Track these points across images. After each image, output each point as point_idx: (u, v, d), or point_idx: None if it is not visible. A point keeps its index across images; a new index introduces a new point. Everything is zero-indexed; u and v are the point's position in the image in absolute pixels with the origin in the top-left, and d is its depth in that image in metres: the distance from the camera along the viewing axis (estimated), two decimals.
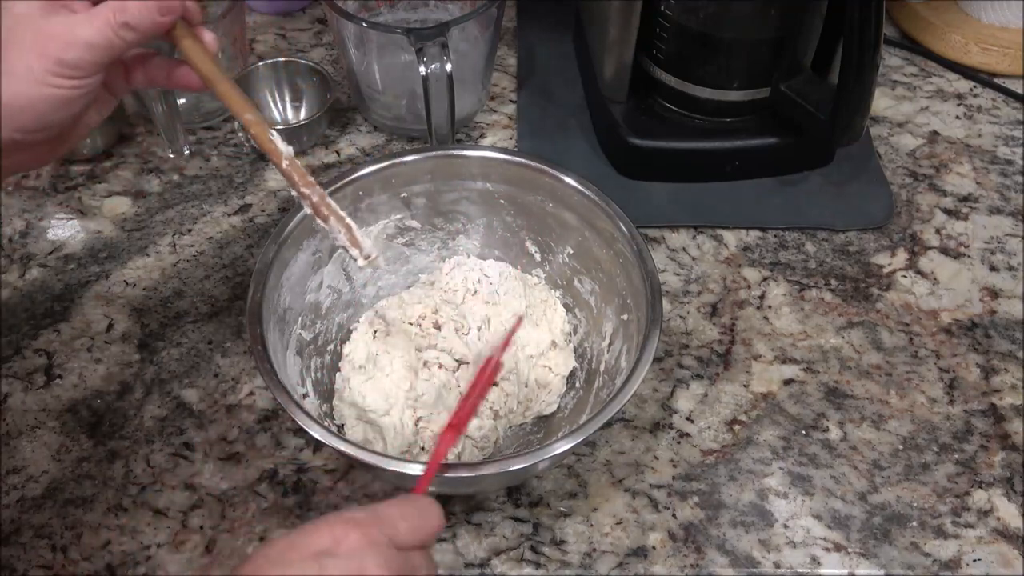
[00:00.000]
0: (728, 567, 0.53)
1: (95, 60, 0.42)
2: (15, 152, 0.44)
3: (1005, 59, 0.81)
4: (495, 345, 0.54)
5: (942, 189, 0.73)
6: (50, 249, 0.69)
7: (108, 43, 0.42)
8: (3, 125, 0.42)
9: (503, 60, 0.83)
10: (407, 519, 0.39)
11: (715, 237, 0.70)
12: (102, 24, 0.42)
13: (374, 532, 0.37)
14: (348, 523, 0.37)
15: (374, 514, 0.39)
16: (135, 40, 0.43)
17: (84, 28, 0.42)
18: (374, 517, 0.38)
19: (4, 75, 0.41)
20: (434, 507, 0.41)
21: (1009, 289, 0.66)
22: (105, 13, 0.42)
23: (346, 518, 0.38)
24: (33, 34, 0.41)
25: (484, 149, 0.66)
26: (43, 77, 0.41)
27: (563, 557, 0.53)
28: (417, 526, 0.39)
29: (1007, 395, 0.60)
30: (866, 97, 0.63)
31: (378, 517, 0.38)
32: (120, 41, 0.42)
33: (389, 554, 0.37)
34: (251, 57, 0.81)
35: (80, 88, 0.43)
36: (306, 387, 0.57)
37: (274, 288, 0.54)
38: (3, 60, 0.41)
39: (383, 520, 0.38)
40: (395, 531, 0.38)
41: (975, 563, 0.53)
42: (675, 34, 0.68)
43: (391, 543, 0.38)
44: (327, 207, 0.48)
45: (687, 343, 0.63)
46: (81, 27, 0.42)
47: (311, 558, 0.36)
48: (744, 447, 0.58)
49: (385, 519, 0.39)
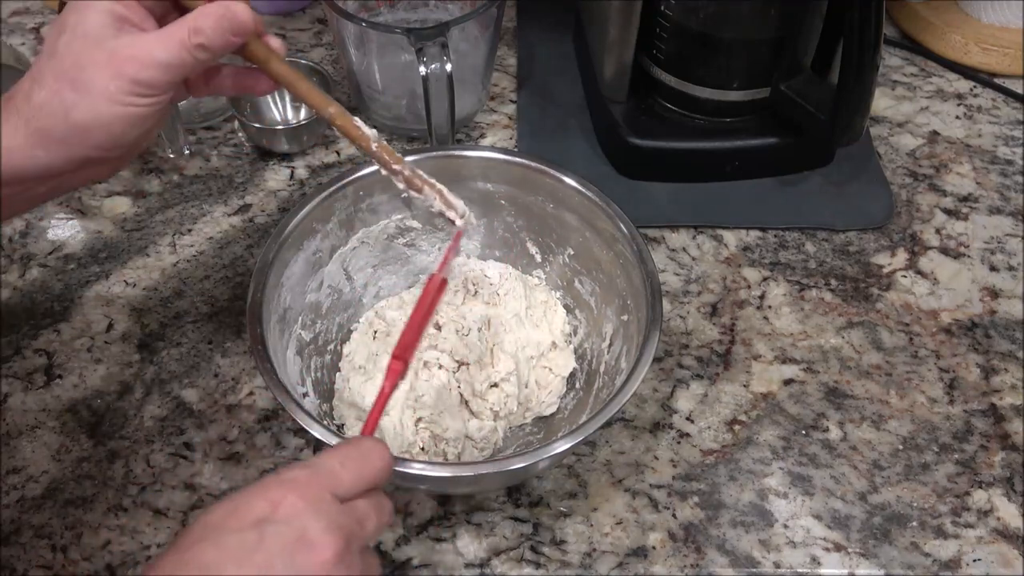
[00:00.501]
0: (728, 567, 0.53)
1: (169, 79, 0.43)
2: (87, 167, 0.44)
3: (1005, 59, 0.81)
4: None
5: (942, 189, 0.73)
6: (50, 249, 0.69)
7: (182, 63, 0.42)
8: (79, 143, 0.42)
9: (503, 60, 0.83)
10: (348, 466, 0.38)
11: (715, 237, 0.70)
12: (177, 45, 0.42)
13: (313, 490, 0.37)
14: (284, 484, 0.37)
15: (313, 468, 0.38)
16: (208, 59, 0.43)
17: (159, 48, 0.42)
18: (312, 472, 0.38)
19: (81, 95, 0.41)
20: (378, 448, 0.40)
21: (1009, 289, 0.66)
22: (179, 34, 0.42)
23: (283, 479, 0.37)
24: (108, 54, 0.41)
25: (484, 149, 0.66)
26: (119, 97, 0.42)
27: (563, 557, 0.53)
28: (359, 471, 0.39)
29: (1007, 395, 0.60)
30: (866, 97, 0.63)
31: (317, 471, 0.38)
32: (193, 60, 0.43)
33: (331, 510, 0.36)
34: None
35: (154, 106, 0.43)
36: (306, 387, 0.57)
37: (274, 288, 0.54)
38: (79, 80, 0.41)
39: (322, 473, 0.38)
40: (336, 482, 0.38)
41: (975, 563, 0.53)
42: (675, 34, 0.68)
43: (334, 497, 0.37)
44: (420, 178, 0.50)
45: (687, 343, 0.63)
46: (156, 47, 0.42)
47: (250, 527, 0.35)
48: (744, 447, 0.58)
49: (324, 472, 0.38)
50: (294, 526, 0.35)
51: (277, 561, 0.35)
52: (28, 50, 0.84)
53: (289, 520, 0.36)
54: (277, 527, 0.35)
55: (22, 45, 0.85)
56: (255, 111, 0.76)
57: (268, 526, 0.35)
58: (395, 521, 0.54)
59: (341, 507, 0.37)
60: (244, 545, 0.35)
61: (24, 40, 0.85)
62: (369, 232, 0.61)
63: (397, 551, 0.53)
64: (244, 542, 0.35)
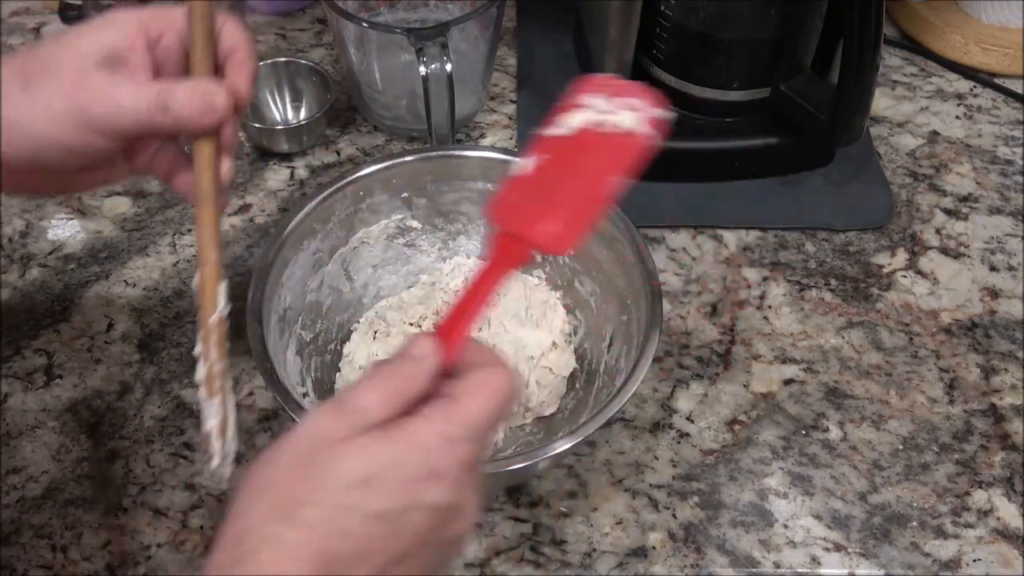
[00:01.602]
0: (728, 567, 0.53)
1: (117, 126, 0.41)
2: (28, 174, 0.42)
3: (1005, 59, 0.81)
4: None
5: (942, 189, 0.73)
6: (50, 249, 0.69)
7: (137, 115, 0.40)
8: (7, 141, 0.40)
9: (503, 60, 0.83)
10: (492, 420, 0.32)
11: (715, 237, 0.70)
12: (143, 95, 0.40)
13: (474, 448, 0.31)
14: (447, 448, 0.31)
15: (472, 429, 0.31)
16: (167, 126, 0.41)
17: (124, 91, 0.40)
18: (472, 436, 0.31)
19: (24, 94, 0.40)
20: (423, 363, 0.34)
21: (1009, 289, 0.66)
22: (152, 88, 0.41)
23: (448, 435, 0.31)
24: (76, 75, 0.40)
25: (484, 149, 0.66)
26: (58, 117, 0.40)
27: (563, 557, 0.53)
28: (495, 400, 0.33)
29: (1007, 395, 0.60)
30: (866, 97, 0.63)
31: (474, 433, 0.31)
32: (150, 119, 0.41)
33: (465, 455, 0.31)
34: None
35: (87, 147, 0.41)
36: (306, 387, 0.57)
37: (274, 288, 0.54)
38: (34, 83, 0.40)
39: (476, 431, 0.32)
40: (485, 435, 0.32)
41: (975, 563, 0.53)
42: (675, 34, 0.68)
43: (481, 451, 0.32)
44: (222, 386, 0.41)
45: (687, 343, 0.63)
46: (122, 89, 0.40)
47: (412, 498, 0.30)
48: (744, 447, 0.58)
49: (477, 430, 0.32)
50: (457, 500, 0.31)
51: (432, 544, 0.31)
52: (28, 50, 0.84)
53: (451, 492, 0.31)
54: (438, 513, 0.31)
55: (22, 45, 0.85)
56: (255, 111, 0.76)
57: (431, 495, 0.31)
58: None
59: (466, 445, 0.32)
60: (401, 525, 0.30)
61: (24, 40, 0.85)
62: (369, 232, 0.61)
63: None
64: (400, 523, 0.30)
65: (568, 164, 0.39)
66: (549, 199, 0.38)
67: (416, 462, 0.30)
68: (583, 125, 0.40)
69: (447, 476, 0.31)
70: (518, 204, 0.39)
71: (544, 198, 0.39)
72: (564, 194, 0.38)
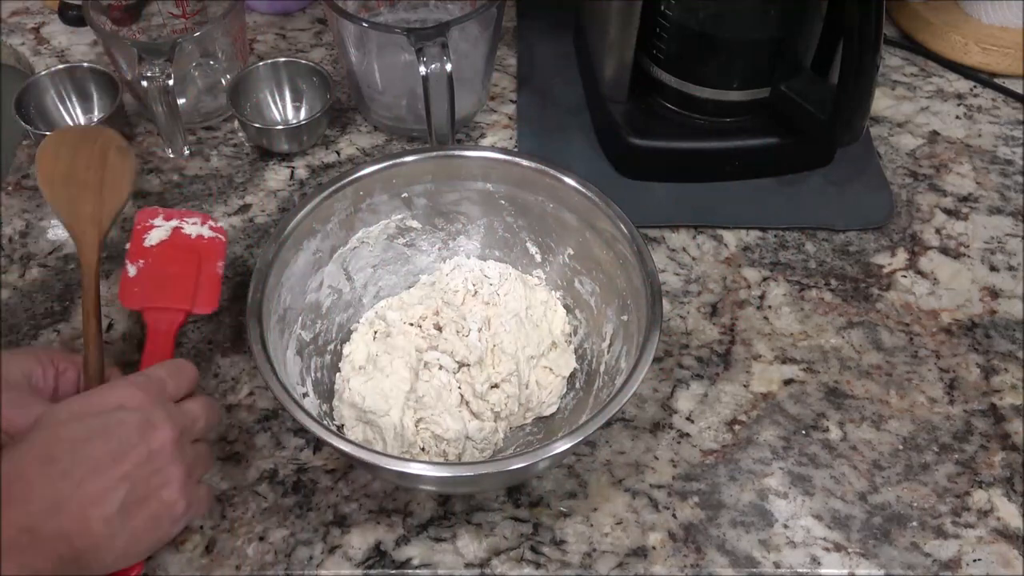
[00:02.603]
0: (728, 567, 0.53)
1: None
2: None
3: (1005, 59, 0.81)
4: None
5: (942, 189, 0.73)
6: (50, 249, 0.69)
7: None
8: None
9: (503, 60, 0.83)
10: (172, 376, 0.49)
11: (715, 237, 0.70)
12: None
13: (152, 390, 0.47)
14: (132, 385, 0.47)
15: (147, 377, 0.48)
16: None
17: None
18: (147, 379, 0.48)
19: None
20: (188, 365, 0.51)
21: (1009, 289, 0.66)
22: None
23: (129, 381, 0.48)
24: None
25: (484, 149, 0.66)
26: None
27: (563, 557, 0.53)
28: (179, 382, 0.49)
29: (1007, 395, 0.60)
30: (866, 97, 0.63)
31: (150, 379, 0.48)
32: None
33: (168, 405, 0.47)
34: (251, 57, 0.81)
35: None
36: (306, 387, 0.57)
37: (274, 288, 0.54)
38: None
39: (154, 380, 0.48)
40: (165, 387, 0.48)
41: (975, 563, 0.53)
42: (675, 34, 0.68)
43: (167, 398, 0.48)
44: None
45: (687, 343, 0.63)
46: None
47: (110, 411, 0.45)
48: (744, 447, 0.58)
49: (155, 379, 0.48)
50: (143, 414, 0.46)
51: (133, 436, 0.44)
52: (28, 50, 0.84)
53: (138, 409, 0.46)
54: (131, 413, 0.45)
55: (22, 45, 0.85)
56: (255, 111, 0.76)
57: (122, 412, 0.45)
58: (395, 521, 0.54)
59: (174, 405, 0.48)
60: (107, 424, 0.45)
61: (24, 40, 0.85)
62: (369, 232, 0.61)
63: (397, 551, 0.53)
64: (107, 422, 0.45)
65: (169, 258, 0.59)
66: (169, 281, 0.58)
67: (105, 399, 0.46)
68: (164, 235, 0.60)
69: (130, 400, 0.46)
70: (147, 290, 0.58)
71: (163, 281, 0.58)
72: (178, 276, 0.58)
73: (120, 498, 0.43)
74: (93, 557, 0.43)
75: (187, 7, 0.76)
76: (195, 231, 0.60)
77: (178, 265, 0.58)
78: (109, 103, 0.74)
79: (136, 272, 0.58)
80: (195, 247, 0.59)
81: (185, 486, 0.46)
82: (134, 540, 0.44)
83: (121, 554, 0.44)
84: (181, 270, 0.58)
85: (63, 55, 0.84)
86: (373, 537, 0.54)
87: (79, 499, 0.42)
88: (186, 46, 0.73)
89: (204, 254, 0.59)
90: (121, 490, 0.43)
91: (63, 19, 0.79)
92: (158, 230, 0.60)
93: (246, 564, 0.52)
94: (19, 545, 0.41)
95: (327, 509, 0.55)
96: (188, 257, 0.59)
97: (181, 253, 0.59)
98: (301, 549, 0.53)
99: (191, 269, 0.58)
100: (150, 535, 0.45)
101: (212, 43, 0.75)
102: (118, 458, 0.44)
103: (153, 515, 0.45)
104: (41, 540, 0.41)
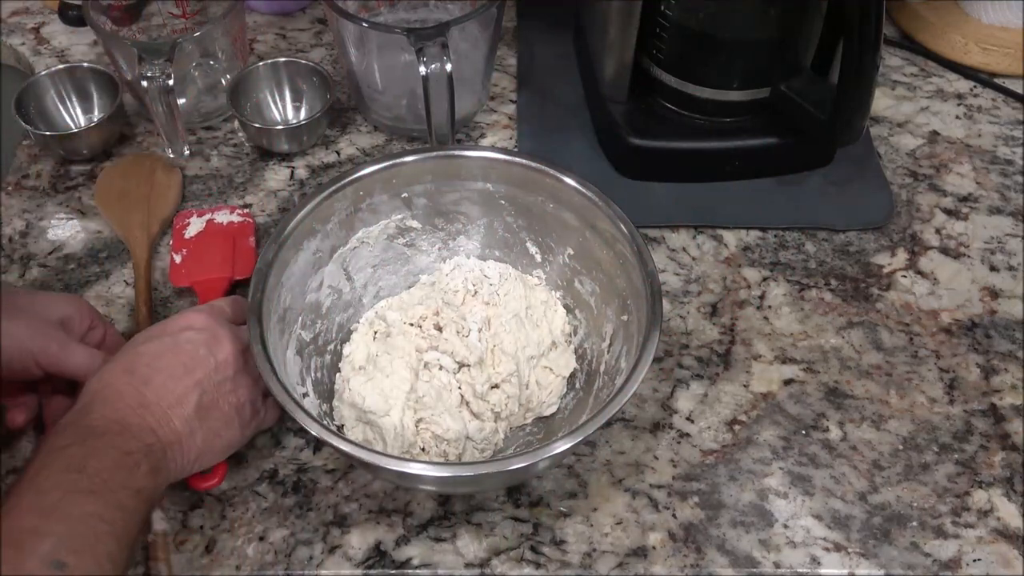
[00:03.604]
0: (728, 567, 0.53)
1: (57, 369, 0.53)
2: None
3: (1005, 59, 0.81)
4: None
5: (942, 189, 0.73)
6: (50, 249, 0.69)
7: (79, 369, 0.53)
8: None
9: (503, 60, 0.83)
10: (231, 305, 0.57)
11: (715, 237, 0.70)
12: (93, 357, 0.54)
13: (216, 316, 0.54)
14: (197, 311, 0.54)
15: (210, 305, 0.56)
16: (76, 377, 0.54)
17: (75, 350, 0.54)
18: (211, 307, 0.56)
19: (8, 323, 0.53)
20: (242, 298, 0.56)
21: (1009, 289, 0.66)
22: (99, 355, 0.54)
23: (195, 309, 0.55)
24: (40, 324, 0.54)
25: (484, 149, 0.66)
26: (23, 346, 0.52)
27: (563, 557, 0.53)
28: (238, 308, 0.56)
29: (1007, 395, 0.60)
30: (866, 97, 0.63)
31: (213, 307, 0.56)
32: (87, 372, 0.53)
33: (231, 327, 0.54)
34: (251, 57, 0.81)
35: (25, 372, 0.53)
36: (306, 387, 0.57)
37: (274, 288, 0.54)
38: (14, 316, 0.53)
39: (216, 308, 0.55)
40: (225, 313, 0.55)
41: (975, 563, 0.53)
42: (675, 34, 0.68)
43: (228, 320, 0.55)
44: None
45: (687, 343, 0.63)
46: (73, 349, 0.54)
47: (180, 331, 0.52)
48: (744, 447, 0.58)
49: (217, 307, 0.56)
50: (209, 331, 0.52)
51: (202, 350, 0.51)
52: (28, 50, 0.84)
53: (204, 328, 0.52)
54: (198, 332, 0.52)
55: (22, 45, 0.85)
56: (255, 111, 0.76)
57: (190, 332, 0.52)
58: (395, 521, 0.54)
59: (235, 326, 0.54)
60: (177, 341, 0.51)
61: (24, 40, 0.85)
62: (369, 232, 0.61)
63: (397, 551, 0.53)
64: (177, 340, 0.51)
65: (207, 242, 0.67)
66: (210, 258, 0.66)
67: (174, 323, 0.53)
68: (200, 228, 0.68)
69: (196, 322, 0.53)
70: (192, 269, 0.66)
71: (206, 259, 0.66)
72: (217, 253, 0.67)
73: (195, 400, 0.50)
74: (177, 451, 0.49)
75: (187, 7, 0.76)
76: (225, 219, 0.69)
77: (216, 246, 0.67)
78: (109, 103, 0.75)
79: (181, 259, 0.66)
80: (227, 230, 0.68)
81: (252, 392, 0.53)
82: (210, 438, 0.51)
83: (199, 451, 0.50)
84: (219, 249, 0.66)
85: (63, 55, 0.84)
86: (373, 537, 0.54)
87: (161, 401, 0.49)
88: (186, 46, 0.73)
89: (236, 234, 0.68)
90: (195, 394, 0.50)
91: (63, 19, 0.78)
92: (194, 225, 0.68)
93: (246, 564, 0.53)
94: (111, 431, 0.46)
95: (327, 509, 0.55)
96: (223, 239, 0.67)
97: (217, 237, 0.67)
98: (301, 549, 0.53)
99: (227, 246, 0.67)
100: (224, 435, 0.52)
101: (212, 43, 0.75)
102: (190, 368, 0.50)
103: (225, 417, 0.51)
104: (131, 429, 0.47)
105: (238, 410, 0.52)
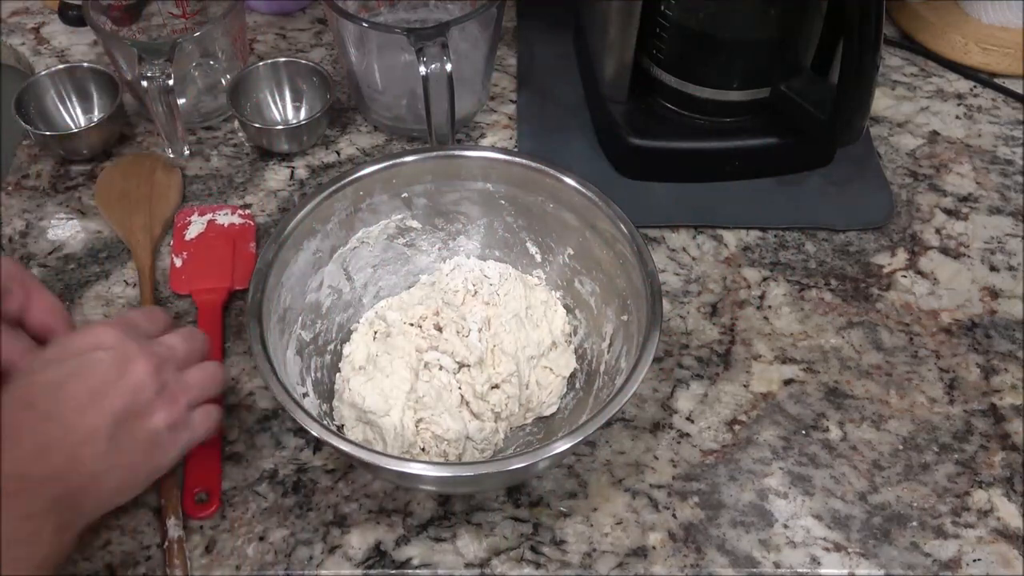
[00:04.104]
0: (728, 567, 0.53)
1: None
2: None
3: (1005, 59, 0.81)
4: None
5: (942, 189, 0.73)
6: (50, 249, 0.69)
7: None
8: None
9: (503, 60, 0.83)
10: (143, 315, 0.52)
11: (715, 237, 0.70)
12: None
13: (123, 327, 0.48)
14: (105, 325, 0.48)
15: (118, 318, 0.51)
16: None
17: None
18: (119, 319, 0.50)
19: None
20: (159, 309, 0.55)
21: (1009, 289, 0.66)
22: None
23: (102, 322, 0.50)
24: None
25: (484, 149, 0.66)
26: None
27: (563, 557, 0.53)
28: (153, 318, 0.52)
29: (1007, 395, 0.60)
30: (866, 97, 0.63)
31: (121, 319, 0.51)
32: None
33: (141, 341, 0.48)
34: (251, 57, 0.81)
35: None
36: (306, 387, 0.57)
37: (274, 288, 0.54)
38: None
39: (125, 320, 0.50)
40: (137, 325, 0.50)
41: (975, 563, 0.53)
42: (675, 34, 0.68)
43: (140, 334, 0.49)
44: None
45: (687, 343, 0.63)
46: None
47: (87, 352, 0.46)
48: (744, 447, 0.58)
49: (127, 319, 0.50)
50: (119, 348, 0.46)
51: (111, 373, 0.45)
52: (28, 50, 0.84)
53: (113, 346, 0.46)
54: (107, 351, 0.46)
55: (22, 45, 0.85)
56: (255, 111, 0.76)
57: (98, 352, 0.46)
58: (395, 521, 0.54)
59: (148, 340, 0.49)
60: (83, 364, 0.45)
61: (24, 40, 0.85)
62: (369, 232, 0.61)
63: (397, 551, 0.53)
64: (82, 363, 0.45)
65: (208, 246, 0.67)
66: (210, 265, 0.66)
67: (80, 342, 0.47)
68: (201, 228, 0.68)
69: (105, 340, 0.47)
70: (192, 276, 0.65)
71: (205, 266, 0.66)
72: (217, 260, 0.66)
73: (108, 432, 0.44)
74: (89, 494, 0.44)
75: (187, 7, 0.76)
76: (227, 220, 0.68)
77: (216, 251, 0.66)
78: (109, 103, 0.75)
79: (181, 263, 0.66)
80: (228, 234, 0.68)
81: (172, 413, 0.47)
82: (130, 472, 0.46)
83: (118, 487, 0.46)
84: (219, 255, 0.66)
85: (63, 55, 0.84)
86: (373, 537, 0.54)
87: (68, 439, 0.43)
88: (186, 46, 0.73)
89: (237, 238, 0.68)
90: (107, 425, 0.44)
91: (63, 19, 0.78)
92: (195, 225, 0.68)
93: (246, 564, 0.53)
94: (12, 492, 0.40)
95: (327, 509, 0.55)
96: (224, 243, 0.67)
97: (217, 241, 0.67)
98: (301, 549, 0.53)
99: (227, 252, 0.66)
100: (145, 465, 0.47)
101: (212, 43, 0.75)
102: (99, 395, 0.45)
103: (144, 446, 0.46)
104: (33, 484, 0.41)
105: (158, 435, 0.47)
